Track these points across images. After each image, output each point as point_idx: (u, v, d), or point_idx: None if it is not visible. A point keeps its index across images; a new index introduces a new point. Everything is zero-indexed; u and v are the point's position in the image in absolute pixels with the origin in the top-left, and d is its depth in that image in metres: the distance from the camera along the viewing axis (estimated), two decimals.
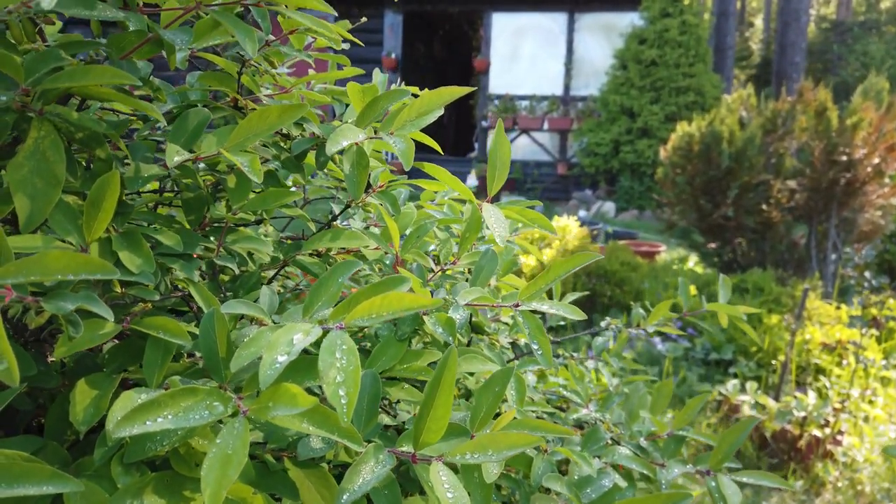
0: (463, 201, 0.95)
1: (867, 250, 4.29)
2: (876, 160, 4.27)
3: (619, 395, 0.87)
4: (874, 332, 3.45)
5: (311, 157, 0.77)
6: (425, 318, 0.61)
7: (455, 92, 0.64)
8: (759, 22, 28.50)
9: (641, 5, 9.76)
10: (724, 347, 3.98)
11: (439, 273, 0.71)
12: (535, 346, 0.57)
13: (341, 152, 0.67)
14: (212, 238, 0.67)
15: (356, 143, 0.64)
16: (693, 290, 4.35)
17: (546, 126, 11.06)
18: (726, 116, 4.56)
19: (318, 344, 0.49)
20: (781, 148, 4.63)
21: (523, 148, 11.42)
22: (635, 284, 4.56)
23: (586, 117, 10.53)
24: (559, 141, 11.19)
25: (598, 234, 7.06)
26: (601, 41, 10.72)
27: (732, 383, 3.47)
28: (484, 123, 11.37)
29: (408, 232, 0.81)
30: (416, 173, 0.77)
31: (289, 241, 0.77)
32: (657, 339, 4.03)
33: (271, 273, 0.80)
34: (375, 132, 0.69)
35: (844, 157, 4.32)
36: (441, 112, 0.66)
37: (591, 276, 4.65)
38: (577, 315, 0.58)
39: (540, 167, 11.28)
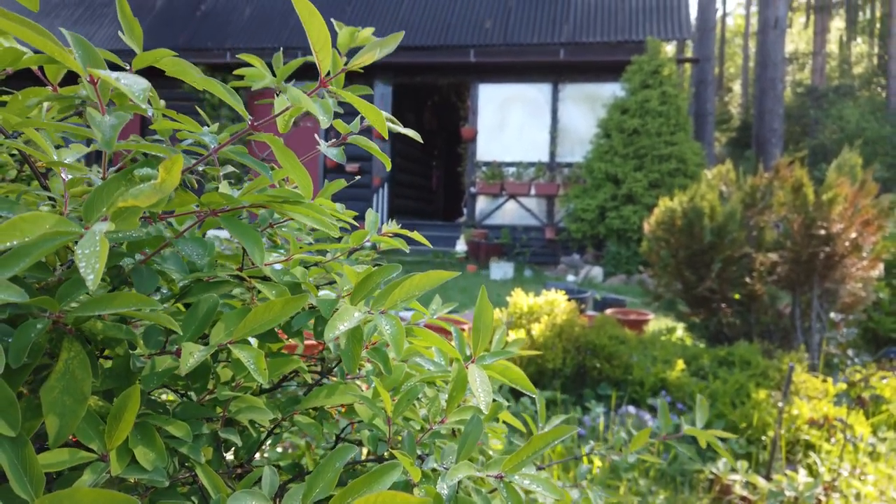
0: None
1: (848, 330, 4.37)
2: (853, 234, 4.40)
3: None
4: (860, 409, 3.49)
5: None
6: (415, 489, 0.66)
7: (442, 276, 0.71)
8: (737, 87, 29.58)
9: (622, 77, 10.15)
10: (714, 423, 3.99)
11: (428, 433, 0.76)
12: None
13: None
14: (216, 407, 0.72)
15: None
16: (681, 364, 4.40)
17: (533, 192, 11.30)
18: (707, 192, 4.72)
19: None
20: (762, 221, 4.77)
21: (511, 213, 11.63)
22: (624, 358, 4.60)
23: (572, 183, 10.78)
24: (546, 206, 11.41)
25: (587, 303, 7.13)
26: (585, 110, 11.09)
27: (723, 461, 3.47)
28: (472, 189, 11.59)
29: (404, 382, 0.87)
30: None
31: (285, 398, 0.82)
32: (647, 416, 4.04)
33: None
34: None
35: (823, 231, 4.46)
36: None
37: (581, 351, 4.69)
38: (557, 494, 0.63)
39: (528, 231, 11.46)
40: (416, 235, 1.10)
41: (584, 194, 10.23)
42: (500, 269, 9.79)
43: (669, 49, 11.96)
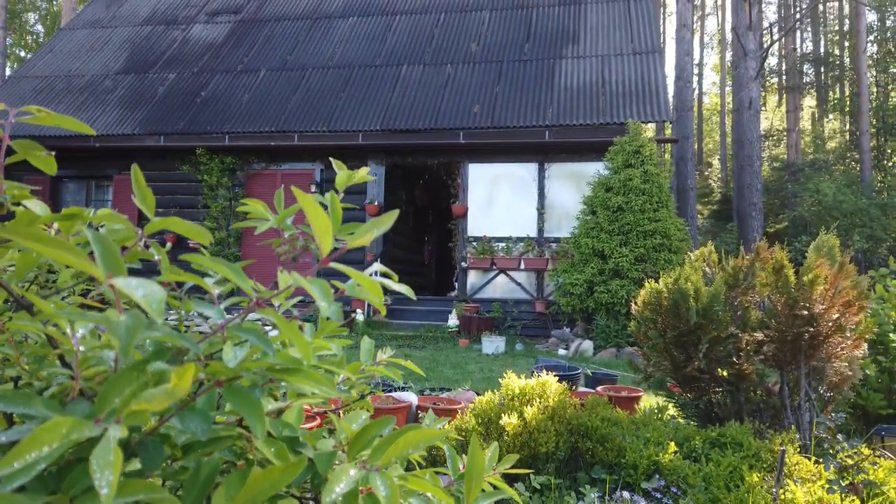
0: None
1: (837, 415, 4.39)
2: (835, 315, 4.48)
3: None
4: (854, 496, 3.46)
5: None
6: None
7: (435, 434, 0.74)
8: (716, 162, 30.49)
9: (606, 156, 10.48)
10: None
11: None
12: None
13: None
14: None
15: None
16: (673, 446, 4.37)
17: (523, 266, 11.43)
18: (691, 274, 4.81)
19: None
20: (746, 301, 4.85)
21: (502, 287, 11.71)
22: (617, 441, 4.56)
23: (560, 258, 10.92)
24: (536, 280, 11.52)
25: (579, 380, 7.10)
26: (571, 188, 11.39)
27: None
28: (464, 264, 11.71)
29: None
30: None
31: None
32: (643, 501, 3.97)
33: None
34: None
35: (805, 312, 4.53)
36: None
37: (574, 433, 4.65)
38: None
39: (519, 305, 11.51)
40: (409, 364, 1.14)
41: (573, 269, 10.35)
42: (492, 344, 9.77)
43: (650, 127, 12.41)
